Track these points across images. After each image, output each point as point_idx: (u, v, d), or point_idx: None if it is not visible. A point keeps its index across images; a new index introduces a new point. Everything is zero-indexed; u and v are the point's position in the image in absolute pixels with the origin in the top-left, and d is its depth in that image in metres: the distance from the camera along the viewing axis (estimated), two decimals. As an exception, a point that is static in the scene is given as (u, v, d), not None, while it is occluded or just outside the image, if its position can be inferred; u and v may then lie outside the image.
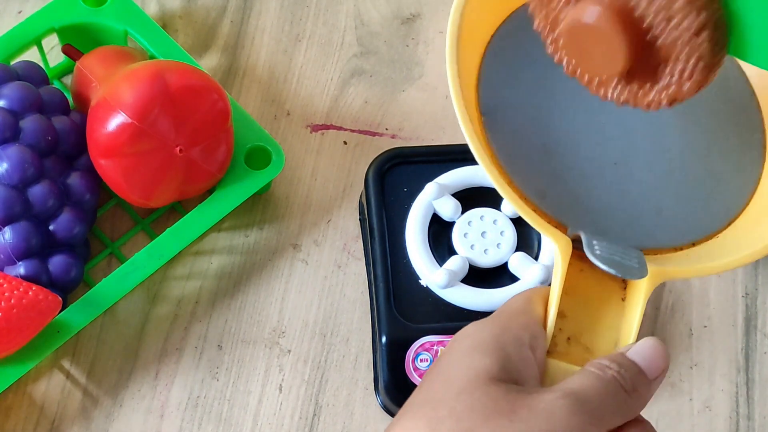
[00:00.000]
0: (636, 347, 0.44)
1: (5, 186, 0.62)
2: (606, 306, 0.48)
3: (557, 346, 0.46)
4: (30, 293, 0.60)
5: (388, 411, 0.64)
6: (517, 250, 0.63)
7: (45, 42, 0.70)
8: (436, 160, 0.66)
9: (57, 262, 0.63)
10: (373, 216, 0.64)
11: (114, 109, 0.61)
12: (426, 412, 0.42)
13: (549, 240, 0.47)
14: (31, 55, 0.69)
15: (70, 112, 0.66)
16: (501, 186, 0.48)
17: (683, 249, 0.50)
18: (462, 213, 0.64)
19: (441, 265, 0.63)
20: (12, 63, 0.68)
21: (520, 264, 0.62)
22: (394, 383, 0.62)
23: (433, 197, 0.63)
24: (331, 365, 0.66)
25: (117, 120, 0.61)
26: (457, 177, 0.64)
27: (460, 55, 0.48)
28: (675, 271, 0.48)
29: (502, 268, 0.63)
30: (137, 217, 0.68)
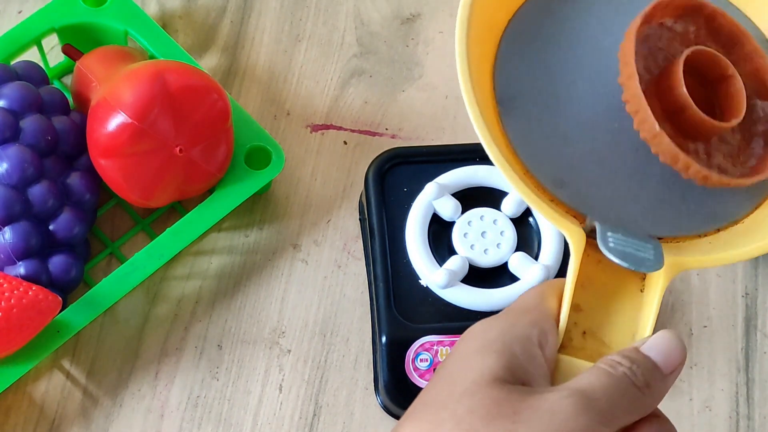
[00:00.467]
0: (650, 341, 0.43)
1: (5, 186, 0.62)
2: (624, 298, 0.46)
3: (572, 341, 0.45)
4: (30, 293, 0.60)
5: (388, 411, 0.64)
6: (517, 250, 0.63)
7: (45, 42, 0.70)
8: (436, 160, 0.66)
9: (57, 262, 0.63)
10: (373, 216, 0.64)
11: (114, 109, 0.61)
12: (428, 414, 0.42)
13: (562, 232, 0.46)
14: (31, 55, 0.69)
15: (70, 112, 0.66)
16: (511, 176, 0.46)
17: (708, 235, 0.48)
18: (462, 213, 0.64)
19: (441, 265, 0.63)
20: (12, 63, 0.68)
21: (520, 264, 0.62)
22: (394, 383, 0.62)
23: (433, 197, 0.63)
24: (331, 365, 0.66)
25: (117, 120, 0.61)
26: (457, 177, 0.64)
27: (470, 41, 0.46)
28: (693, 261, 0.46)
29: (502, 268, 0.63)
30: (137, 217, 0.68)
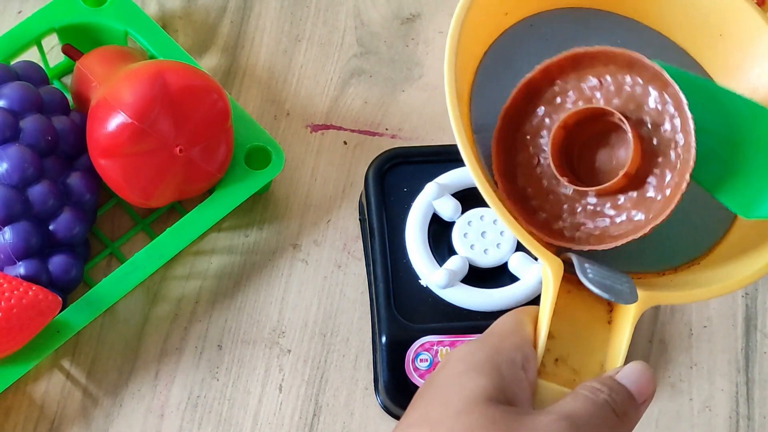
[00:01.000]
0: (625, 371, 0.45)
1: (5, 186, 0.62)
2: (592, 328, 0.48)
3: (545, 366, 0.46)
4: (30, 293, 0.60)
5: (388, 411, 0.64)
6: (517, 250, 0.63)
7: (45, 42, 0.70)
8: (436, 160, 0.66)
9: (57, 262, 0.63)
10: (373, 216, 0.64)
11: (114, 109, 0.61)
12: (424, 431, 0.42)
13: (542, 261, 0.47)
14: (31, 55, 0.69)
15: (70, 112, 0.66)
16: (497, 206, 0.48)
17: (665, 274, 0.50)
18: (462, 213, 0.64)
19: (441, 265, 0.63)
20: (12, 63, 0.68)
21: (519, 264, 0.62)
22: (394, 383, 0.62)
23: (433, 197, 0.63)
24: (331, 365, 0.66)
25: (117, 120, 0.61)
26: (457, 177, 0.64)
27: (457, 73, 0.49)
28: (663, 296, 0.48)
29: (502, 268, 0.63)
30: (137, 217, 0.68)
